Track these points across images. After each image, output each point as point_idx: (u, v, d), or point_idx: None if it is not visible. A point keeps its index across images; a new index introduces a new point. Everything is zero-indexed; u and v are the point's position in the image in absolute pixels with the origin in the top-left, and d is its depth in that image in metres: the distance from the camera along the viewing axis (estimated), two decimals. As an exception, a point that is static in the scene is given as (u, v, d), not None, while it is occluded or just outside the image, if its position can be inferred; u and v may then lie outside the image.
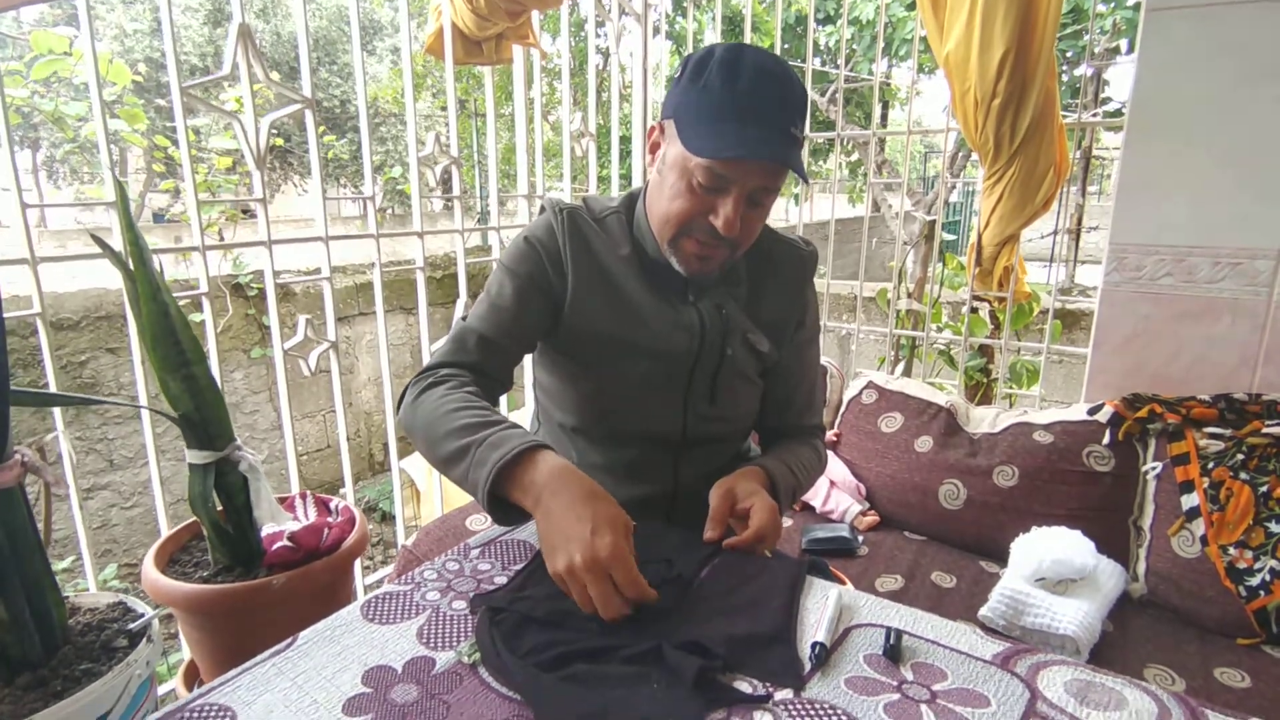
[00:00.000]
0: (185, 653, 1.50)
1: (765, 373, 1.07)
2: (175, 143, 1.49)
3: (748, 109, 0.82)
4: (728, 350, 0.99)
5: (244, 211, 3.16)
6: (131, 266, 1.17)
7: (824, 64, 5.91)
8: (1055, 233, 2.95)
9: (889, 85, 6.53)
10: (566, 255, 0.96)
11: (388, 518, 3.80)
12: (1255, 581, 1.29)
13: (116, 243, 1.25)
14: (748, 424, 1.11)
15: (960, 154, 4.69)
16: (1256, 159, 1.45)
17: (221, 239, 3.16)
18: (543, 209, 1.01)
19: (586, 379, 1.00)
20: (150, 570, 1.28)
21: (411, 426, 0.89)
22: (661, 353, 0.97)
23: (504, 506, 0.79)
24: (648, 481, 1.02)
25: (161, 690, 1.57)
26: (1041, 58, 1.70)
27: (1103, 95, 5.71)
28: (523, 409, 2.81)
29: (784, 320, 1.05)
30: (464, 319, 0.99)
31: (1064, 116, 1.85)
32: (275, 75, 1.55)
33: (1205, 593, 1.34)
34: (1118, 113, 4.32)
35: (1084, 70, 5.46)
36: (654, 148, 0.93)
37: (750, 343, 1.01)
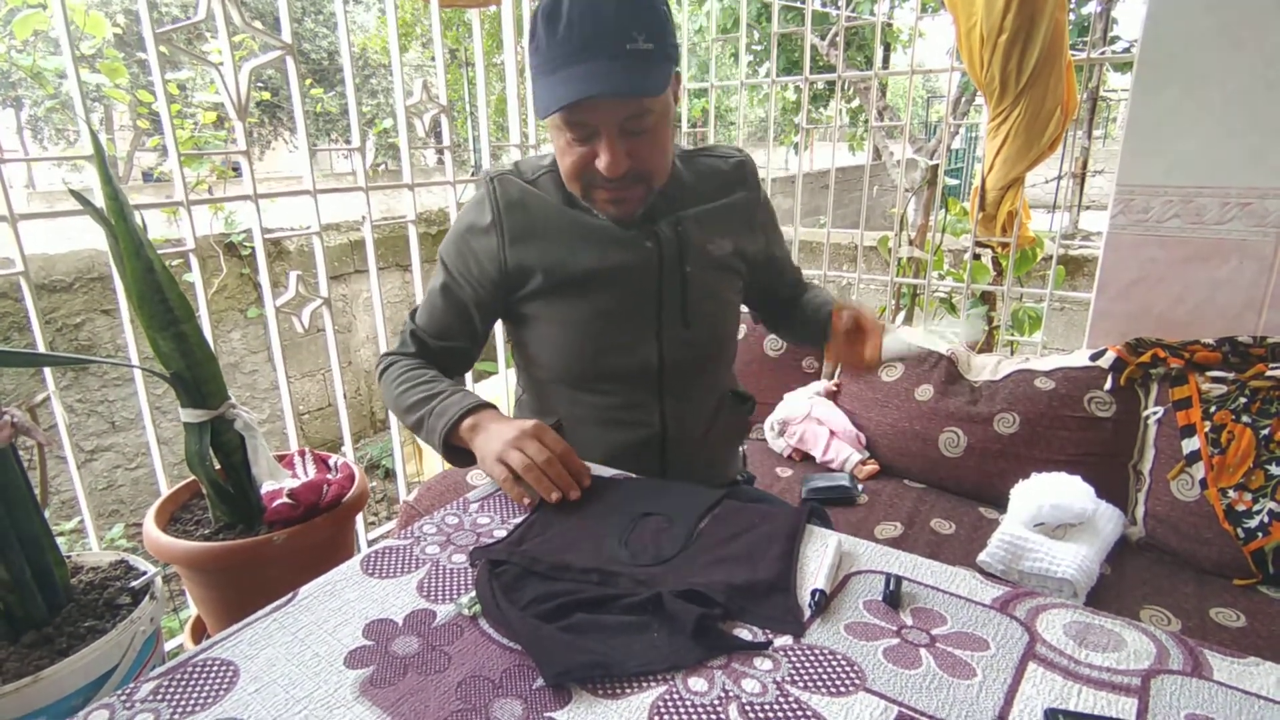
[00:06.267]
0: (194, 609, 1.52)
1: (749, 272, 1.09)
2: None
3: (573, 51, 0.81)
4: (686, 267, 0.98)
5: (234, 169, 3.09)
6: (112, 222, 1.15)
7: (824, 5, 5.71)
8: (1059, 177, 2.90)
9: (891, 27, 6.34)
10: (503, 225, 0.96)
11: (391, 474, 3.82)
12: (1254, 523, 1.30)
13: (99, 200, 1.22)
14: (727, 349, 1.11)
15: (964, 98, 4.58)
16: (1270, 95, 1.40)
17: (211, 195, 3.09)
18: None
19: (556, 326, 1.00)
20: (151, 529, 1.29)
21: (386, 403, 1.04)
22: (621, 280, 0.97)
23: (458, 452, 0.94)
24: (636, 425, 1.03)
25: (170, 645, 1.59)
26: (1051, -10, 1.63)
27: (1111, 35, 5.54)
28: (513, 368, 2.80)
29: (738, 222, 1.05)
30: (413, 313, 1.05)
31: (1072, 55, 1.78)
32: (259, 25, 1.50)
33: (1203, 535, 1.34)
34: (1126, 52, 4.19)
35: (1092, 8, 5.29)
36: None
37: (711, 253, 1.01)
